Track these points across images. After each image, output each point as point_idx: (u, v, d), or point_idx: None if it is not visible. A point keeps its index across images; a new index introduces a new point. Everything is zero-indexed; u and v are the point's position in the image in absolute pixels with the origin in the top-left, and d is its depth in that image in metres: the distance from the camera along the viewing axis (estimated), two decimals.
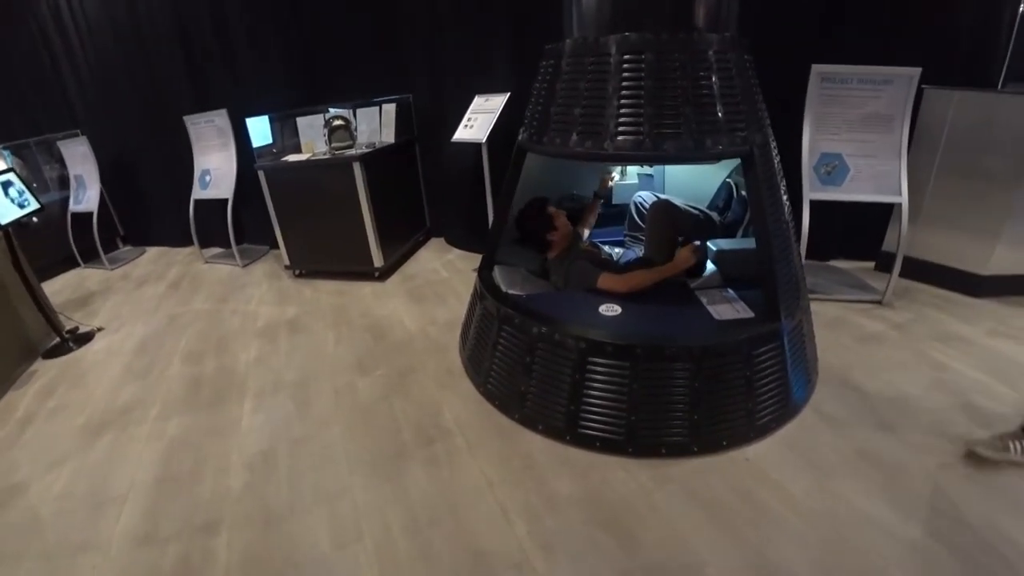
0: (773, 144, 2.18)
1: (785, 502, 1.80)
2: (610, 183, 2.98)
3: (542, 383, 2.14)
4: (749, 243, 2.36)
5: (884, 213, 3.30)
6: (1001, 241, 2.99)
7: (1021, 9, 2.91)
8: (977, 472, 1.86)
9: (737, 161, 2.58)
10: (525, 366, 2.18)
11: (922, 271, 3.30)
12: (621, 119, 1.91)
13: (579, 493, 1.89)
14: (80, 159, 4.54)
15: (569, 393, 2.06)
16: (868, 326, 2.90)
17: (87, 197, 4.57)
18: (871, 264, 3.55)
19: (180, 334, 3.40)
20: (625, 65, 1.90)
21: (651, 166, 3.21)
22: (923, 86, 3.00)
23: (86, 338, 3.45)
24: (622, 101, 1.91)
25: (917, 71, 2.77)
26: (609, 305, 2.25)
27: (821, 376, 2.46)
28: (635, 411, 1.97)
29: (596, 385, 2.02)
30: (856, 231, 3.52)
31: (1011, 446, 1.83)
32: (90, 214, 4.50)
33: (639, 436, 1.99)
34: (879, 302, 3.10)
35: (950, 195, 3.10)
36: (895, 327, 2.88)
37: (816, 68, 2.85)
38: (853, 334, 2.82)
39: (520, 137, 2.36)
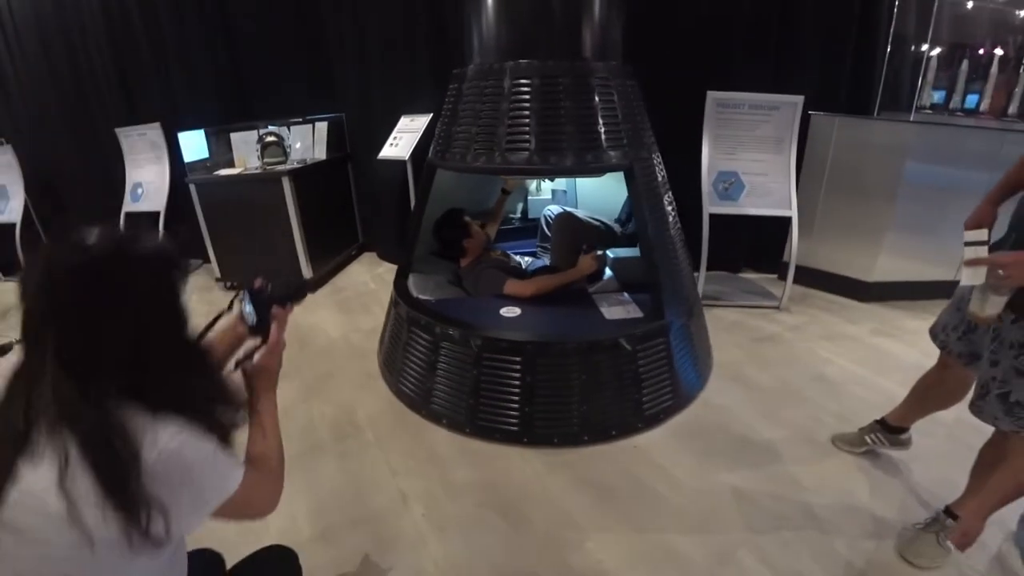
0: (657, 160, 2.41)
1: (668, 483, 1.97)
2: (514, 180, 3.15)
3: (446, 380, 2.26)
4: None
5: (785, 228, 3.59)
6: (883, 251, 3.32)
7: (888, 50, 3.29)
8: (841, 454, 2.10)
9: None
10: (430, 365, 2.31)
11: (817, 279, 3.61)
12: (509, 136, 2.09)
13: (476, 480, 2.01)
14: (3, 168, 4.44)
15: (470, 389, 2.19)
16: (765, 328, 3.15)
17: (9, 208, 4.46)
18: (776, 275, 3.85)
19: None
20: (514, 88, 2.09)
21: (552, 180, 3.42)
22: (810, 112, 3.35)
23: (3, 350, 3.36)
24: (510, 120, 2.09)
25: (800, 99, 3.08)
26: (510, 308, 2.40)
27: (715, 372, 2.68)
28: (528, 403, 2.12)
29: (493, 380, 2.15)
30: (763, 245, 3.81)
31: (867, 439, 2.06)
32: (12, 225, 4.40)
33: (533, 427, 2.13)
34: (777, 307, 3.37)
35: (838, 210, 3.43)
36: (790, 328, 3.15)
37: (711, 94, 3.14)
38: (750, 335, 3.07)
39: (430, 154, 2.52)
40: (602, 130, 2.14)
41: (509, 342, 2.12)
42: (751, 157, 3.24)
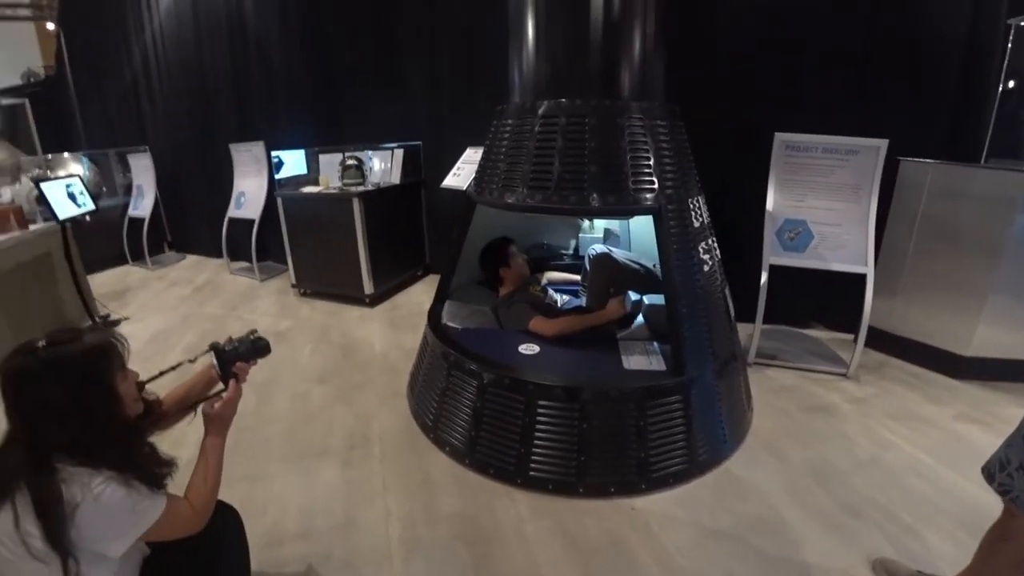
0: (696, 205, 2.28)
1: (654, 555, 1.82)
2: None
3: (452, 408, 2.29)
4: None
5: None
6: (983, 320, 2.86)
7: (1001, 89, 2.87)
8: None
9: None
10: (441, 391, 2.35)
11: (901, 347, 3.18)
12: (533, 174, 2.10)
13: (459, 511, 2.01)
14: (143, 170, 5.27)
15: (472, 420, 2.20)
16: (821, 397, 2.83)
17: (143, 204, 5.26)
18: (852, 336, 3.44)
19: (188, 330, 3.82)
20: (541, 127, 2.11)
21: (590, 220, 3.35)
22: (899, 158, 3.00)
23: (113, 324, 3.95)
24: (535, 158, 2.10)
25: (884, 142, 2.76)
26: (529, 345, 2.38)
27: (748, 440, 2.44)
28: (525, 444, 2.08)
29: (493, 415, 2.14)
30: (838, 299, 3.43)
31: None
32: (143, 219, 5.17)
33: (528, 469, 2.08)
34: (844, 375, 3.01)
35: (930, 269, 3.01)
36: (852, 400, 2.80)
37: (779, 136, 2.91)
38: (801, 403, 2.77)
39: (469, 189, 2.59)
40: (629, 171, 2.08)
41: (513, 379, 2.11)
42: (823, 205, 2.95)
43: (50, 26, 9.93)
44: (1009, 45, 2.87)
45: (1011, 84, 2.96)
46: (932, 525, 1.94)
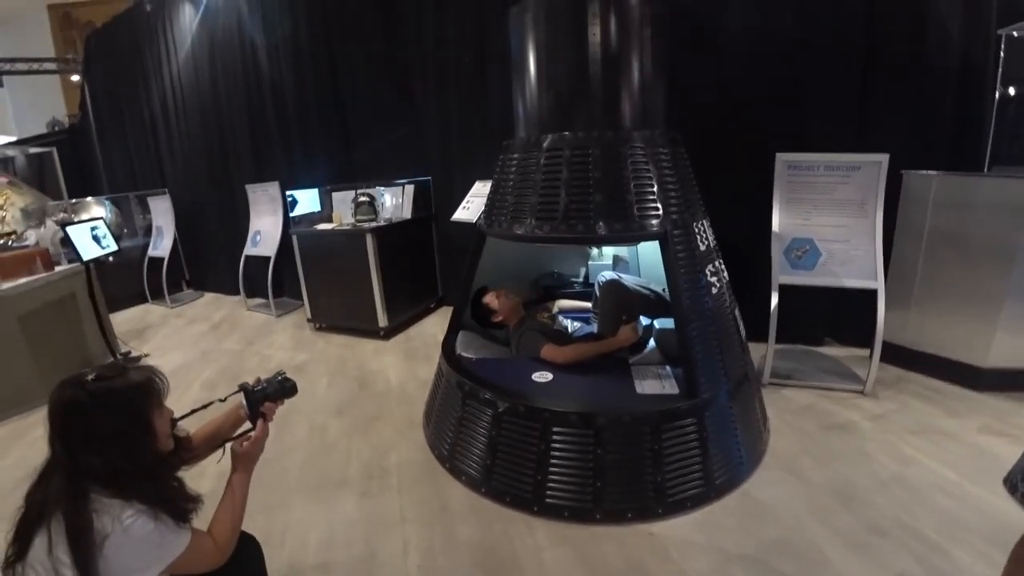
0: (700, 228, 2.32)
1: None
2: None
3: (468, 437, 2.31)
4: None
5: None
6: (1000, 328, 2.82)
7: (998, 96, 2.91)
8: None
9: None
10: (456, 421, 2.37)
11: (918, 361, 3.15)
12: (541, 206, 2.17)
13: (477, 540, 2.01)
14: (163, 212, 5.45)
15: (487, 449, 2.22)
16: (839, 415, 2.80)
17: (163, 244, 5.42)
18: (868, 351, 3.42)
19: (207, 366, 3.90)
20: (546, 160, 2.17)
21: (598, 247, 3.40)
22: (902, 171, 3.03)
23: (134, 360, 4.04)
24: (542, 190, 2.17)
25: (885, 157, 2.79)
26: (542, 373, 2.41)
27: (766, 461, 2.42)
28: (541, 471, 2.09)
29: (509, 443, 2.16)
30: (850, 315, 3.43)
31: None
32: (162, 259, 5.33)
33: (544, 497, 2.08)
34: (861, 391, 2.99)
35: (941, 280, 3.00)
36: (870, 417, 2.77)
37: (781, 157, 2.96)
38: (819, 422, 2.74)
39: (479, 222, 2.66)
40: (634, 199, 2.13)
41: (527, 407, 2.13)
42: (829, 222, 2.97)
43: (75, 78, 10.41)
44: (1002, 54, 2.92)
45: (1011, 91, 3.00)
46: (960, 542, 1.90)
